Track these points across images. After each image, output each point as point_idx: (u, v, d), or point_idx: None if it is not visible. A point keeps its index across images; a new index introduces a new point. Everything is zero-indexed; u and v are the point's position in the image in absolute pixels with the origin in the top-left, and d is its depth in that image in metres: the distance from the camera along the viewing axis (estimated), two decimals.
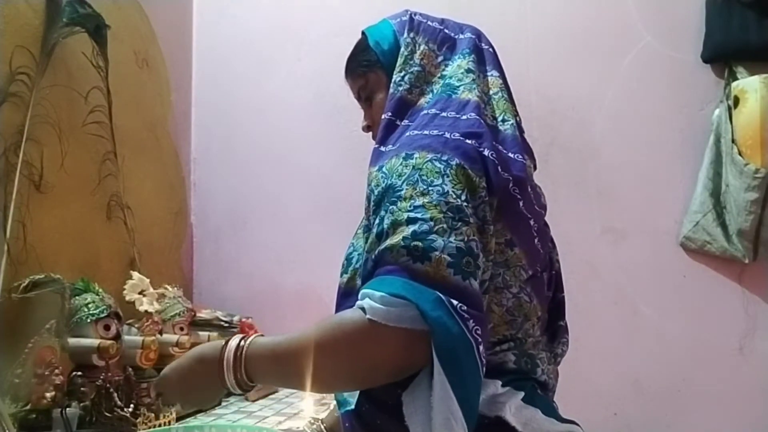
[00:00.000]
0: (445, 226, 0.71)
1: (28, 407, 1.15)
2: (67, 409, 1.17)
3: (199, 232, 2.13)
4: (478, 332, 0.66)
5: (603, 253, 1.80)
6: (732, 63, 1.71)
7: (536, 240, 0.85)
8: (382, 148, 0.86)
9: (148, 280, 1.57)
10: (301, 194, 2.03)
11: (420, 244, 0.69)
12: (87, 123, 1.54)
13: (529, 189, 0.85)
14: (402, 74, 0.91)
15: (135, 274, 1.56)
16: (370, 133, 1.03)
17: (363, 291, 0.70)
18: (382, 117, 0.89)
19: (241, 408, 1.61)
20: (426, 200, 0.72)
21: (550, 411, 0.82)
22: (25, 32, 1.36)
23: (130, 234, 1.69)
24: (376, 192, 0.78)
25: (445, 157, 0.75)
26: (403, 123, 0.87)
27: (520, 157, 0.85)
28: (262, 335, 0.78)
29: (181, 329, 1.63)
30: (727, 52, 1.72)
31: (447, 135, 0.79)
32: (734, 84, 1.67)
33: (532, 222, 0.84)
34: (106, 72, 1.57)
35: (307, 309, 1.96)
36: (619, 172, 1.82)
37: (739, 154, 1.62)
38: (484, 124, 0.83)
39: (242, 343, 0.76)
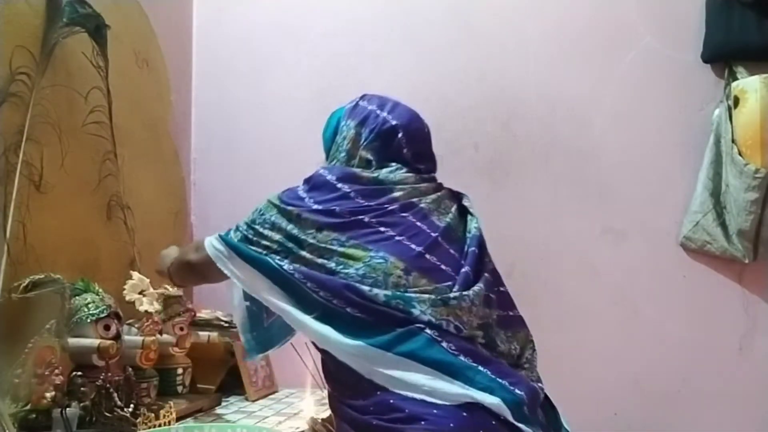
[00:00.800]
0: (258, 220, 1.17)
1: (28, 407, 1.15)
2: (67, 409, 1.17)
3: (199, 232, 2.12)
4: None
5: (603, 253, 1.80)
6: (732, 63, 1.71)
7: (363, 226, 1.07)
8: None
9: (148, 280, 1.57)
10: None
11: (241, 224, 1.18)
12: (87, 123, 1.54)
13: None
14: (333, 152, 1.24)
15: (135, 274, 1.56)
16: None
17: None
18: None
19: (241, 408, 1.61)
20: (256, 215, 1.19)
21: (454, 370, 0.91)
22: (25, 32, 1.36)
23: (130, 234, 1.69)
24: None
25: (278, 199, 1.16)
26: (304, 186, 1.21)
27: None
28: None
29: (181, 329, 1.63)
30: (727, 52, 1.72)
31: (299, 187, 1.20)
32: (734, 84, 1.67)
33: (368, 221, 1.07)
34: (106, 72, 1.57)
35: None
36: (619, 172, 1.82)
37: (739, 154, 1.62)
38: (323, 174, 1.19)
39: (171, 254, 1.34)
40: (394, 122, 1.16)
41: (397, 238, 1.04)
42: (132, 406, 1.29)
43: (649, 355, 1.76)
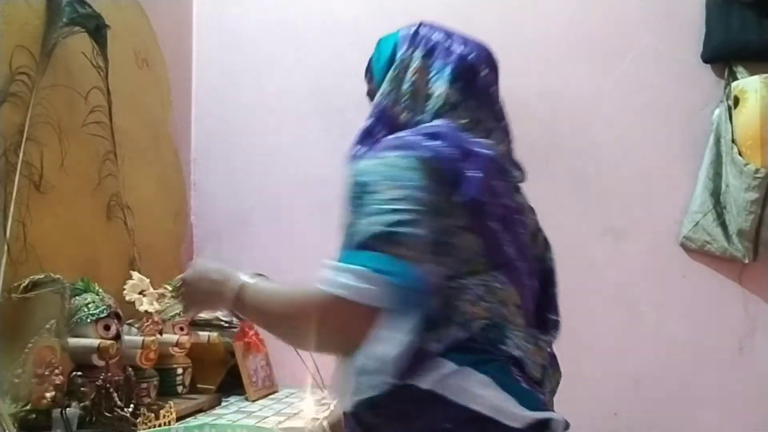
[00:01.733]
0: (418, 217, 0.76)
1: (28, 407, 1.15)
2: (67, 409, 1.17)
3: (199, 232, 2.13)
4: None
5: (603, 253, 1.80)
6: (732, 63, 1.72)
7: (495, 227, 0.86)
8: (355, 153, 0.92)
9: (148, 280, 1.57)
10: (301, 194, 2.03)
11: (392, 231, 0.75)
12: (87, 123, 1.54)
13: (495, 182, 0.88)
14: (390, 87, 0.93)
15: (135, 274, 1.56)
16: None
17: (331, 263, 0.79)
18: (363, 124, 0.94)
19: (241, 408, 1.61)
20: (398, 194, 0.77)
21: (529, 402, 0.79)
22: (25, 32, 1.36)
23: (130, 234, 1.69)
24: (350, 192, 0.82)
25: (416, 153, 0.80)
26: (379, 135, 0.91)
27: (489, 152, 0.87)
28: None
29: (181, 329, 1.63)
30: (727, 52, 1.72)
31: (413, 136, 0.84)
32: (734, 84, 1.67)
33: (495, 211, 0.86)
34: (106, 72, 1.57)
35: None
36: (619, 172, 1.82)
37: (739, 154, 1.62)
38: (445, 126, 0.88)
39: (249, 281, 0.88)
40: (473, 59, 0.93)
41: (515, 257, 0.88)
42: (132, 406, 1.29)
43: (649, 355, 1.76)
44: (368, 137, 0.92)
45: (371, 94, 1.02)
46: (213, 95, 2.15)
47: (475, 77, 0.93)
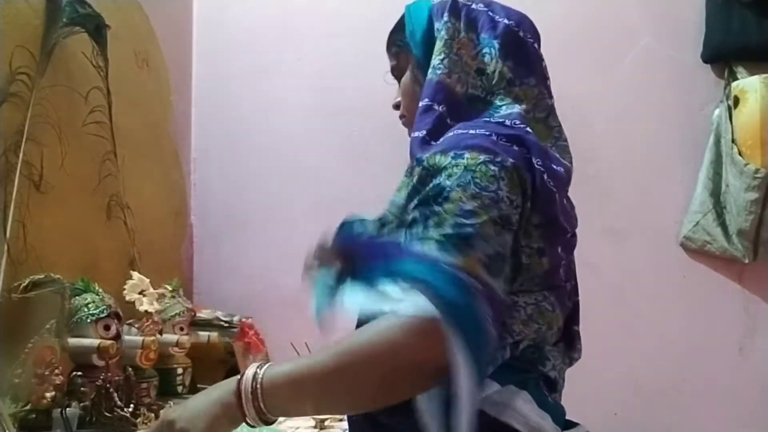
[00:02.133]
0: (491, 232, 0.68)
1: (28, 407, 1.15)
2: (67, 409, 1.17)
3: (199, 232, 2.13)
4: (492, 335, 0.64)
5: (603, 253, 1.80)
6: (732, 63, 1.71)
7: (560, 249, 0.81)
8: (425, 137, 0.82)
9: (148, 280, 1.57)
10: (301, 194, 2.03)
11: (459, 242, 0.66)
12: (87, 123, 1.54)
13: (565, 200, 0.84)
14: (441, 57, 0.85)
15: (135, 274, 1.56)
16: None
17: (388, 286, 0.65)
18: (420, 103, 0.85)
19: None
20: (476, 204, 0.69)
21: (559, 417, 0.80)
22: (25, 32, 1.36)
23: (130, 234, 1.69)
24: (420, 189, 0.73)
25: (498, 159, 0.72)
26: (440, 108, 0.83)
27: (561, 169, 0.83)
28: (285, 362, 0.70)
29: (181, 329, 1.63)
30: (727, 52, 1.72)
31: (494, 137, 0.75)
32: (734, 84, 1.67)
33: (567, 234, 0.82)
34: (106, 72, 1.57)
35: (307, 309, 1.96)
36: (619, 172, 1.82)
37: (739, 154, 1.62)
38: (530, 132, 0.81)
39: (258, 372, 0.67)
40: (521, 31, 0.90)
41: (564, 278, 0.83)
42: (132, 406, 1.30)
43: (649, 355, 1.76)
44: (430, 116, 0.83)
45: (399, 71, 0.95)
46: (213, 95, 2.15)
47: (527, 51, 0.89)
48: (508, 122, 0.80)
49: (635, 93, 1.82)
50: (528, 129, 0.81)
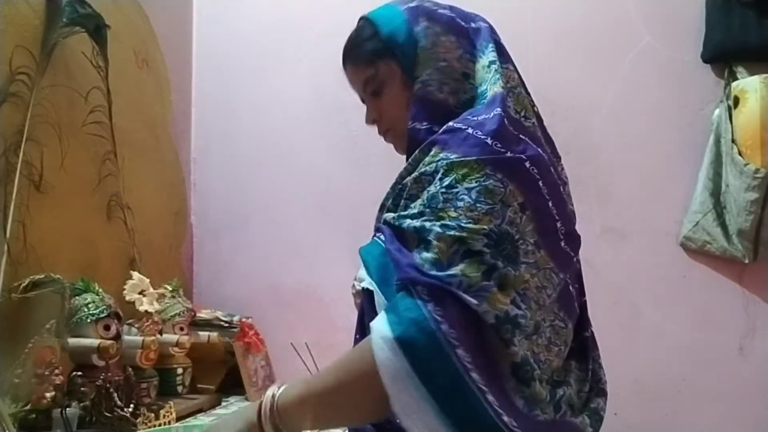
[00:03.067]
0: (490, 253, 0.69)
1: (28, 407, 1.15)
2: (67, 409, 1.17)
3: (199, 232, 2.13)
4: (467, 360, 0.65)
5: (603, 253, 1.80)
6: (732, 63, 1.71)
7: (563, 243, 0.79)
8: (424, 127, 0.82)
9: (148, 280, 1.57)
10: (301, 194, 2.03)
11: (461, 246, 0.68)
12: (87, 123, 1.54)
13: (561, 189, 0.83)
14: (429, 71, 0.83)
15: (135, 274, 1.56)
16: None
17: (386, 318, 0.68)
18: (415, 126, 0.83)
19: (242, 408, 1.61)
20: (492, 221, 0.70)
21: None
22: (25, 32, 1.36)
23: (130, 234, 1.69)
24: (425, 179, 0.75)
25: (499, 175, 0.72)
26: (434, 129, 0.82)
27: (546, 156, 0.82)
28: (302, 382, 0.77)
29: (181, 329, 1.63)
30: (727, 52, 1.72)
31: (490, 143, 0.74)
32: (734, 84, 1.67)
33: (560, 226, 0.79)
34: (106, 72, 1.57)
35: (307, 309, 1.96)
36: (619, 172, 1.82)
37: (739, 154, 1.61)
38: (509, 119, 0.79)
39: (275, 394, 0.76)
40: (492, 32, 0.91)
41: (572, 282, 0.82)
42: (132, 406, 1.30)
43: (649, 355, 1.76)
44: (424, 138, 0.81)
45: (379, 82, 0.91)
46: (213, 95, 2.15)
47: (502, 50, 0.90)
48: (492, 114, 0.78)
49: (635, 93, 1.81)
50: (506, 120, 0.79)
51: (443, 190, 0.72)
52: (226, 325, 1.77)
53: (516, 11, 1.89)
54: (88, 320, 1.31)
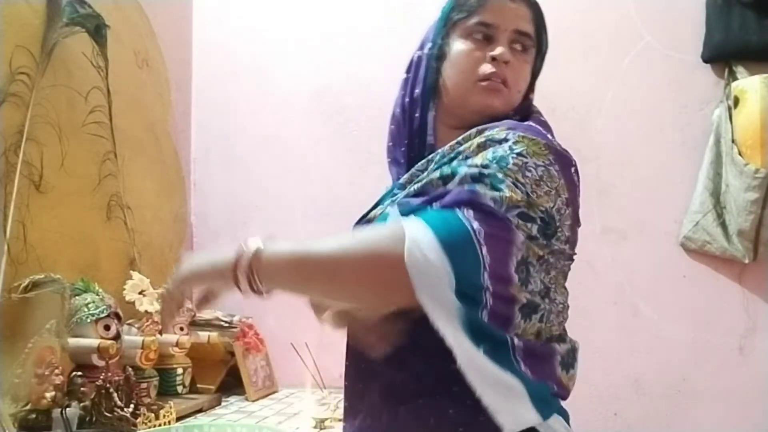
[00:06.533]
0: (538, 227, 0.71)
1: (28, 407, 1.15)
2: (67, 409, 1.17)
3: (199, 232, 2.13)
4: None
5: (603, 253, 1.80)
6: (732, 63, 1.72)
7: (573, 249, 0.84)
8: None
9: (148, 280, 1.57)
10: (301, 194, 2.03)
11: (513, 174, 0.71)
12: (87, 123, 1.54)
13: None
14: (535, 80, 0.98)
15: (135, 274, 1.56)
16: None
17: (420, 216, 0.69)
18: (527, 101, 0.94)
19: (241, 408, 1.61)
20: (540, 192, 0.72)
21: (566, 417, 0.81)
22: (25, 32, 1.36)
23: (130, 234, 1.69)
24: (495, 143, 0.76)
25: (557, 167, 0.76)
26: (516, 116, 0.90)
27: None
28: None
29: (181, 329, 1.63)
30: (727, 52, 1.72)
31: (550, 138, 0.82)
32: (734, 84, 1.67)
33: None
34: (106, 72, 1.57)
35: (307, 309, 1.96)
36: (619, 172, 1.82)
37: (739, 154, 1.62)
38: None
39: (261, 244, 0.75)
40: None
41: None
42: (132, 406, 1.29)
43: (649, 355, 1.76)
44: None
45: (525, 45, 0.93)
46: (213, 95, 2.15)
47: None
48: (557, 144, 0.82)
49: (635, 93, 1.82)
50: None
51: (514, 155, 0.73)
52: (226, 325, 1.77)
53: None
54: (88, 320, 1.31)
